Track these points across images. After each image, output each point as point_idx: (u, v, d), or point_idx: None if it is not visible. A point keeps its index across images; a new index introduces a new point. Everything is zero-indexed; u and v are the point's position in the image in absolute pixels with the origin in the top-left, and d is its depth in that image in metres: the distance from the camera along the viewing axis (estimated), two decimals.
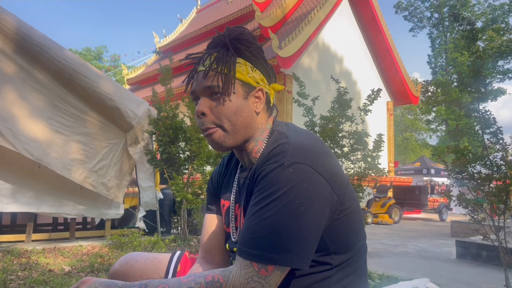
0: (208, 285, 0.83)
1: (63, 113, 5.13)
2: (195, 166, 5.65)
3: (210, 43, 1.02)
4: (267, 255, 0.82)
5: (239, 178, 1.09)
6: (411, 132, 38.24)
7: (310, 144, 0.92)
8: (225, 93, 0.96)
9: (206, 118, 0.98)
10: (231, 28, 1.01)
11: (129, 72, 20.38)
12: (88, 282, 0.89)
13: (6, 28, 4.65)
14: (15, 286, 3.07)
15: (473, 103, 3.95)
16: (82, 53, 37.25)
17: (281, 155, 0.88)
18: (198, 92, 0.99)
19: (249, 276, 0.83)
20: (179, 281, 0.86)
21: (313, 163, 0.87)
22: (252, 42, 1.00)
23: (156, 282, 0.87)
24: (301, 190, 0.84)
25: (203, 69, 0.97)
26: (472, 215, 3.94)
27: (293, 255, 0.83)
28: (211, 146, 1.02)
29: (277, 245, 0.82)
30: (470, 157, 3.82)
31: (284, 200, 0.83)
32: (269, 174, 0.87)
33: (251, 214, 0.88)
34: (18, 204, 4.88)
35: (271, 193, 0.85)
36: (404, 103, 19.35)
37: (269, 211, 0.84)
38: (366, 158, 5.34)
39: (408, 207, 14.65)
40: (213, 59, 0.97)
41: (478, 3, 29.16)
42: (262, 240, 0.83)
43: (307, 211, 0.84)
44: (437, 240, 8.22)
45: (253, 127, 1.00)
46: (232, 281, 0.83)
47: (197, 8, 22.46)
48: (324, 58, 14.63)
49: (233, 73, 0.96)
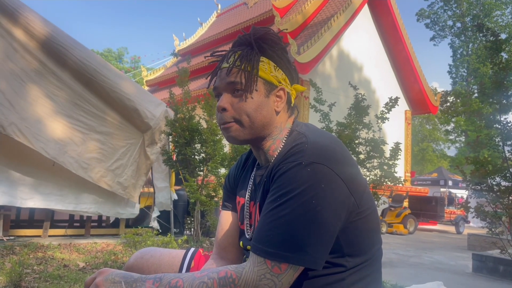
0: (221, 280, 0.84)
1: (83, 111, 5.23)
2: (209, 168, 5.67)
3: (235, 42, 1.03)
4: (281, 253, 0.83)
5: (255, 176, 1.10)
6: (428, 142, 37.64)
7: (329, 145, 0.92)
8: (247, 90, 0.97)
9: (227, 113, 0.99)
10: (257, 28, 1.03)
11: (148, 73, 20.62)
12: (106, 272, 0.91)
13: (31, 27, 4.78)
14: (30, 279, 3.12)
15: (494, 115, 3.88)
16: (104, 54, 37.86)
17: (299, 155, 0.89)
18: (221, 88, 1.01)
19: (262, 273, 0.83)
20: (192, 276, 0.87)
21: (331, 164, 0.87)
22: (276, 42, 1.02)
23: (170, 276, 0.89)
24: (318, 190, 0.84)
25: (227, 66, 0.99)
26: (490, 227, 3.86)
27: (307, 254, 0.83)
28: (226, 139, 1.04)
29: (291, 243, 0.83)
30: (490, 169, 3.75)
31: (301, 200, 0.84)
32: (286, 172, 0.88)
33: (266, 211, 0.88)
34: (37, 200, 4.98)
35: (287, 191, 0.85)
36: (422, 113, 19.06)
37: (284, 210, 0.84)
38: (382, 166, 5.29)
39: (424, 218, 14.40)
40: (237, 57, 0.98)
41: (502, 14, 28.65)
42: (277, 238, 0.83)
43: (323, 212, 0.84)
44: (453, 252, 8.05)
45: (271, 126, 1.01)
46: (244, 278, 0.83)
47: (217, 12, 22.62)
48: (342, 65, 14.55)
49: (256, 70, 0.97)
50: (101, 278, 0.90)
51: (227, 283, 0.84)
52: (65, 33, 5.33)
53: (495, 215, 3.83)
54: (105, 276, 0.90)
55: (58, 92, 5.02)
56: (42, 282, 3.11)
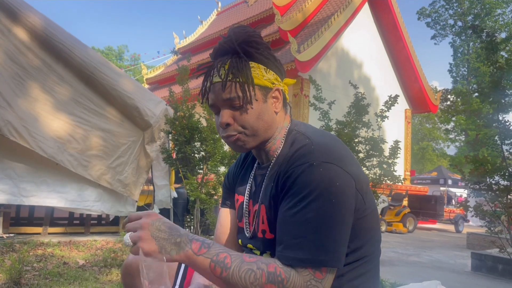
0: (270, 275, 0.82)
1: (84, 108, 5.24)
2: (209, 167, 5.68)
3: (218, 50, 0.98)
4: (318, 258, 0.83)
5: (255, 175, 1.10)
6: (428, 141, 37.63)
7: (333, 144, 0.94)
8: (247, 101, 0.95)
9: (231, 128, 0.98)
10: (236, 31, 0.98)
11: (148, 71, 20.61)
12: (153, 217, 0.87)
13: (32, 26, 4.78)
14: (30, 276, 3.13)
15: (493, 114, 3.89)
16: (105, 51, 37.81)
17: (308, 156, 0.89)
18: (219, 104, 0.98)
19: (307, 279, 0.83)
20: (241, 258, 0.86)
21: (340, 163, 0.88)
22: (260, 43, 0.98)
23: (219, 247, 0.88)
24: (334, 189, 0.85)
25: (219, 80, 0.95)
26: (489, 226, 3.87)
27: (338, 254, 0.85)
28: (233, 149, 1.03)
29: (324, 246, 0.83)
30: (489, 168, 3.76)
31: (321, 201, 0.84)
32: (300, 176, 0.87)
33: (288, 217, 0.87)
34: (38, 198, 4.96)
35: (306, 195, 0.85)
36: (422, 112, 19.06)
37: (307, 214, 0.84)
38: (382, 164, 5.29)
39: (423, 217, 14.41)
40: (228, 69, 0.94)
41: (503, 13, 28.60)
42: (308, 243, 0.83)
43: (342, 210, 0.85)
44: (452, 251, 8.06)
45: (273, 128, 1.01)
46: (293, 280, 0.82)
47: (218, 11, 22.59)
48: (342, 63, 14.54)
49: (251, 80, 0.95)
50: (147, 220, 0.86)
51: (276, 281, 0.82)
52: (66, 31, 5.33)
53: (494, 214, 3.84)
54: (152, 220, 0.86)
55: (59, 89, 5.03)
56: (42, 279, 3.12)
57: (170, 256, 0.85)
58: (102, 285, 3.12)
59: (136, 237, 0.84)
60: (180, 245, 0.86)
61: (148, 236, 0.84)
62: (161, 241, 0.85)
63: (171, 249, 0.85)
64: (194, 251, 0.86)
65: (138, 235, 0.84)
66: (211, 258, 0.85)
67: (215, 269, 0.84)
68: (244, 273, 0.83)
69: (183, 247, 0.86)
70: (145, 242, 0.83)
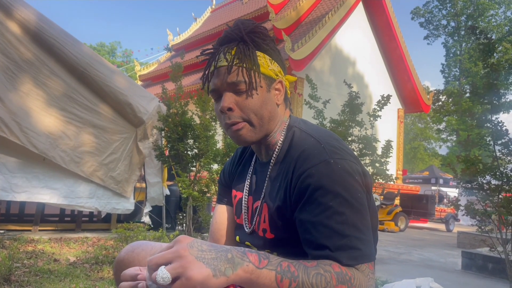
0: (339, 276, 0.78)
1: (77, 104, 5.19)
2: (202, 164, 5.66)
3: (223, 38, 0.98)
4: (367, 253, 0.83)
5: (256, 171, 1.09)
6: (420, 141, 37.90)
7: (337, 140, 0.94)
8: (252, 87, 0.94)
9: (233, 113, 0.95)
10: (244, 22, 0.99)
11: (141, 68, 20.50)
12: (186, 239, 0.71)
13: (24, 20, 4.73)
14: (20, 273, 3.10)
15: (485, 114, 3.91)
16: (97, 48, 37.57)
17: (320, 155, 0.88)
18: (222, 89, 0.96)
19: (366, 274, 0.83)
20: (301, 263, 0.77)
21: (348, 158, 0.89)
22: (266, 35, 1.00)
23: (272, 256, 0.77)
24: (354, 183, 0.86)
25: (225, 64, 0.94)
26: (479, 225, 3.91)
27: (373, 247, 0.88)
28: (235, 141, 0.99)
29: (364, 241, 0.84)
30: (480, 167, 3.79)
31: (349, 196, 0.84)
32: (318, 175, 0.86)
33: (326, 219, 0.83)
34: (31, 194, 4.89)
35: (334, 195, 0.84)
36: (415, 111, 19.20)
37: (343, 213, 0.83)
38: (374, 163, 5.31)
39: (415, 216, 14.53)
40: (234, 54, 0.94)
41: (496, 14, 28.86)
42: (356, 241, 0.82)
43: (364, 202, 0.87)
44: (443, 250, 8.14)
45: (275, 120, 1.01)
46: (358, 277, 0.81)
47: (212, 8, 22.54)
48: (336, 62, 14.59)
49: (258, 67, 0.95)
50: (182, 245, 0.69)
51: (345, 280, 0.78)
52: (59, 26, 5.28)
53: (485, 213, 3.88)
54: (188, 243, 0.69)
55: (51, 84, 4.97)
56: (32, 276, 3.09)
57: (226, 278, 0.68)
58: (93, 282, 3.10)
59: (178, 267, 0.66)
60: (234, 261, 0.70)
61: (193, 261, 0.67)
62: (210, 261, 0.68)
63: (225, 268, 0.69)
64: (255, 264, 0.72)
65: (179, 265, 0.66)
66: (276, 270, 0.73)
67: (282, 281, 0.72)
68: (315, 278, 0.75)
69: (240, 263, 0.70)
70: (193, 269, 0.66)
